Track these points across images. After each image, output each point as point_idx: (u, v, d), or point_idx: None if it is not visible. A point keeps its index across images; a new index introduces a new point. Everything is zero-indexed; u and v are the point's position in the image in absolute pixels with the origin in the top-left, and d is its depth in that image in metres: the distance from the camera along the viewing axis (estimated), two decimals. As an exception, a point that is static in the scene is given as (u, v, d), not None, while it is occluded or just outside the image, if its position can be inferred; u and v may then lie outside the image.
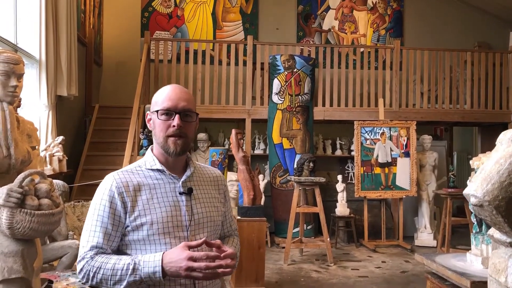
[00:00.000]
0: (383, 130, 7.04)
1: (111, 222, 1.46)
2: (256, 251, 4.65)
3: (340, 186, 7.05)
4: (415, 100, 7.92)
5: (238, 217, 4.72)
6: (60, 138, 5.19)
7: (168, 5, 8.82)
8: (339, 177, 7.17)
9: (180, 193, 1.53)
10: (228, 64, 7.44)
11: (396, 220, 7.17)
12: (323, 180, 6.01)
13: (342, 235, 7.21)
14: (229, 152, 6.10)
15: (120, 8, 8.65)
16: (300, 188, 6.00)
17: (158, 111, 1.52)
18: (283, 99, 7.16)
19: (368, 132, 7.02)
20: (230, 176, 6.45)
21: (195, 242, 1.43)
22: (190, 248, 1.40)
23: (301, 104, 7.18)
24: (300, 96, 7.18)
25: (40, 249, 2.37)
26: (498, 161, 1.39)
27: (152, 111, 1.56)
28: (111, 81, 8.46)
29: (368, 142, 7.01)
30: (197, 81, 7.31)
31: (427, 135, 7.35)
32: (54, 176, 4.61)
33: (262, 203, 6.04)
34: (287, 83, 7.16)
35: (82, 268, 1.43)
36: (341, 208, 6.95)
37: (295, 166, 6.40)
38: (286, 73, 7.17)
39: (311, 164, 6.10)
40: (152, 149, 1.60)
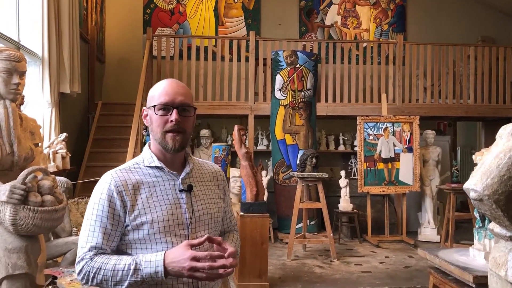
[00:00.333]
0: (386, 125, 7.03)
1: (110, 221, 1.42)
2: (259, 246, 4.66)
3: (343, 182, 7.05)
4: (418, 95, 7.90)
5: (241, 213, 4.73)
6: (63, 135, 5.21)
7: (170, 1, 8.82)
8: (342, 173, 7.17)
9: (180, 191, 1.50)
10: (231, 60, 7.43)
11: (400, 215, 7.17)
12: (326, 176, 6.01)
13: (345, 230, 7.21)
14: (232, 148, 6.11)
15: (122, 5, 8.66)
16: (303, 184, 6.01)
17: (155, 106, 1.48)
18: (285, 95, 7.16)
19: (371, 127, 7.01)
20: (233, 172, 6.46)
21: (197, 240, 1.40)
22: (192, 246, 1.38)
23: (303, 99, 7.18)
24: (302, 92, 7.17)
25: (43, 245, 2.38)
26: (498, 155, 1.39)
27: (149, 106, 1.52)
28: (114, 78, 8.48)
29: (371, 137, 7.00)
30: (199, 78, 7.31)
31: (430, 130, 7.33)
32: (57, 173, 4.63)
33: (265, 199, 6.06)
34: (289, 79, 7.15)
35: (81, 269, 1.41)
36: (344, 204, 6.95)
37: (298, 162, 6.40)
38: (288, 68, 7.16)
39: (314, 160, 6.10)
40: (149, 145, 1.56)
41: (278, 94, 7.21)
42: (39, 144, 2.63)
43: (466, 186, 1.51)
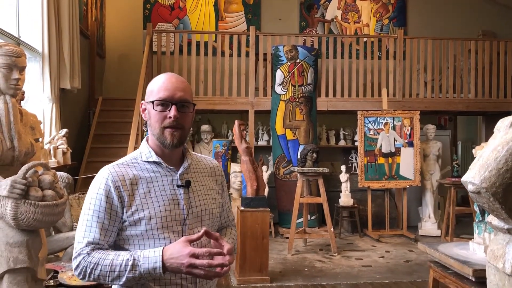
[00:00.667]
0: (386, 120, 7.03)
1: (107, 217, 1.41)
2: (260, 241, 4.68)
3: (343, 177, 7.06)
4: (418, 90, 7.89)
5: (242, 208, 4.74)
6: (64, 130, 5.22)
7: (170, -4, 8.80)
8: (343, 168, 7.18)
9: (178, 186, 1.49)
10: (231, 56, 7.42)
11: (400, 210, 7.19)
12: (327, 171, 6.02)
13: (346, 225, 7.23)
14: (232, 144, 6.12)
15: (122, 0, 8.64)
16: (303, 179, 6.02)
17: (153, 101, 1.46)
18: (286, 90, 7.15)
19: (371, 122, 7.01)
20: (233, 167, 6.47)
21: (195, 235, 1.39)
22: (191, 242, 1.37)
23: (304, 94, 7.18)
24: (303, 87, 7.17)
25: (45, 240, 2.40)
26: (496, 148, 1.39)
27: (147, 101, 1.49)
28: (114, 73, 8.48)
29: (371, 132, 7.01)
30: (199, 73, 7.31)
31: (430, 124, 7.33)
32: (58, 169, 4.64)
33: (265, 194, 6.07)
34: (290, 74, 7.15)
35: (78, 265, 1.39)
36: (345, 198, 6.97)
37: (299, 156, 6.41)
38: (289, 63, 7.15)
39: (315, 155, 6.11)
40: (147, 140, 1.54)
41: (278, 89, 7.21)
42: (40, 139, 2.64)
43: (464, 179, 1.51)
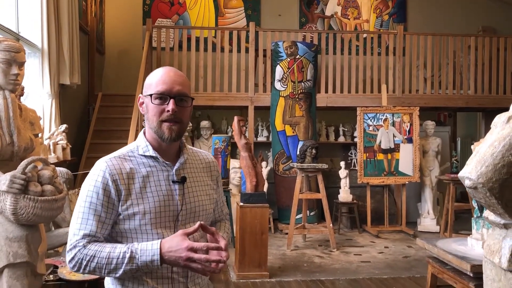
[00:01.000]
0: (386, 116, 7.04)
1: (104, 210, 1.41)
2: (259, 237, 4.69)
3: (343, 173, 7.06)
4: (418, 86, 7.88)
5: (241, 204, 4.76)
6: (64, 126, 5.23)
7: (170, -8, 8.78)
8: (342, 164, 7.19)
9: (173, 182, 1.49)
10: (231, 51, 7.41)
11: (399, 206, 7.20)
12: (326, 167, 6.03)
13: (345, 221, 7.24)
14: (232, 140, 6.12)
15: (121, -4, 8.62)
16: (302, 175, 6.03)
17: (151, 95, 1.45)
18: (285, 86, 7.15)
19: (371, 118, 7.01)
20: (233, 163, 6.48)
21: (192, 228, 1.40)
22: (188, 235, 1.38)
23: (303, 90, 7.18)
24: (302, 83, 7.16)
25: (44, 235, 2.41)
26: (492, 144, 1.40)
27: (145, 94, 1.49)
28: (114, 69, 8.47)
29: (371, 128, 7.01)
30: (199, 69, 7.30)
31: (430, 121, 7.33)
32: (58, 164, 4.65)
33: (265, 189, 6.08)
34: (289, 70, 7.14)
35: (73, 257, 1.39)
36: (344, 194, 6.98)
37: (298, 153, 6.42)
38: (288, 59, 7.15)
39: (314, 151, 6.11)
40: (144, 133, 1.54)
41: (278, 85, 7.21)
42: (39, 134, 2.65)
43: (461, 174, 1.52)
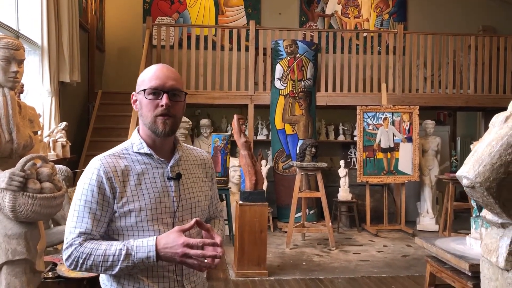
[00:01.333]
0: (385, 115, 7.04)
1: (100, 207, 1.41)
2: (258, 235, 4.70)
3: (342, 171, 7.07)
4: (418, 85, 7.88)
5: (240, 202, 4.76)
6: (63, 124, 5.23)
7: (170, -10, 8.77)
8: (342, 162, 7.19)
9: (169, 179, 1.49)
10: (231, 50, 7.41)
11: (398, 205, 7.21)
12: (325, 165, 6.03)
13: (344, 220, 7.25)
14: (231, 138, 6.13)
15: (122, -6, 8.62)
16: (302, 173, 6.03)
17: (145, 90, 1.46)
18: (285, 85, 7.15)
19: (370, 117, 7.01)
20: (232, 161, 6.48)
21: (188, 225, 1.40)
22: (184, 231, 1.38)
23: (303, 89, 7.18)
24: (302, 82, 7.16)
25: (43, 232, 2.41)
26: (490, 143, 1.40)
27: (138, 90, 1.50)
28: (114, 67, 8.47)
29: (370, 127, 7.01)
30: (199, 67, 7.30)
31: (430, 120, 7.34)
32: (57, 162, 4.65)
33: (264, 188, 6.09)
34: (289, 69, 7.14)
35: (70, 255, 1.39)
36: (344, 193, 6.98)
37: (298, 151, 6.42)
38: (288, 58, 7.15)
39: (313, 150, 6.11)
40: (138, 131, 1.54)
41: (278, 83, 7.21)
42: (38, 132, 2.65)
43: (459, 173, 1.52)
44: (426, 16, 9.26)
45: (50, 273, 2.90)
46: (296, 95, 7.13)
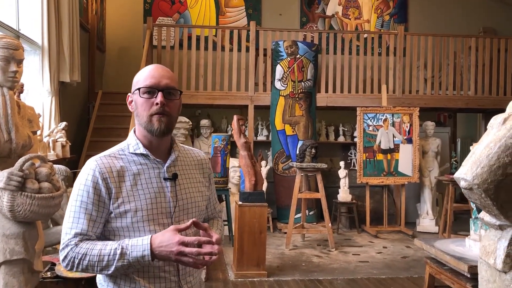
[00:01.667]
0: (386, 116, 7.03)
1: (95, 208, 1.41)
2: (257, 235, 4.70)
3: (342, 172, 7.06)
4: (418, 86, 7.88)
5: (240, 202, 4.76)
6: (63, 124, 5.22)
7: (171, -10, 8.78)
8: (342, 164, 7.19)
9: (165, 179, 1.49)
10: (231, 50, 7.41)
11: (398, 206, 7.20)
12: (325, 166, 6.03)
13: (344, 221, 7.24)
14: (231, 139, 6.12)
15: (122, -6, 8.62)
16: (302, 174, 6.03)
17: (140, 89, 1.46)
18: (286, 86, 7.15)
19: (370, 118, 7.01)
20: (232, 162, 6.48)
21: (184, 225, 1.40)
22: (180, 231, 1.38)
23: (304, 90, 7.17)
24: (303, 82, 7.16)
25: (41, 232, 2.41)
26: (488, 145, 1.40)
27: (134, 90, 1.50)
28: (114, 67, 8.47)
29: (370, 128, 7.01)
30: (199, 67, 7.30)
31: (430, 121, 7.33)
32: (57, 162, 4.65)
33: (264, 189, 6.08)
34: (290, 69, 7.14)
35: (66, 256, 1.39)
36: (343, 194, 6.98)
37: (298, 152, 6.42)
38: (289, 59, 7.15)
39: (313, 150, 6.11)
40: (134, 131, 1.54)
41: (278, 84, 7.21)
42: (37, 132, 2.65)
43: (457, 175, 1.52)
44: (426, 17, 9.26)
45: (48, 273, 2.90)
46: (296, 96, 7.13)
